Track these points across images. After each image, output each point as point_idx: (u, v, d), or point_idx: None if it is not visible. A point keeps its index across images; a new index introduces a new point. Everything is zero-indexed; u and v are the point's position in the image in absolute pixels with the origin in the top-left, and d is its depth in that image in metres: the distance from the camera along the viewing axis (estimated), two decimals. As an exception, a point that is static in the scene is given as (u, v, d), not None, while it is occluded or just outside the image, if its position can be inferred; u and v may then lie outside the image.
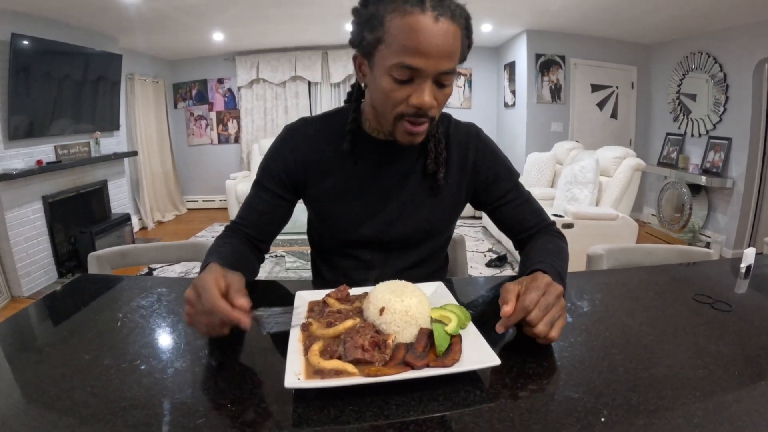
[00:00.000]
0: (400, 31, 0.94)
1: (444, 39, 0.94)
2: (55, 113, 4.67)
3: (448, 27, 0.94)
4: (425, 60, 0.94)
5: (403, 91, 0.99)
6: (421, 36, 0.92)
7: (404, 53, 0.94)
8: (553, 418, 0.65)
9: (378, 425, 0.64)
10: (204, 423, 0.64)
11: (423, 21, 0.92)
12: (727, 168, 5.22)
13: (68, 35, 4.78)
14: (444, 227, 1.31)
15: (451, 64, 0.97)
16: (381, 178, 1.21)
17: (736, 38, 5.02)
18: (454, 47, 0.96)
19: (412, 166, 1.22)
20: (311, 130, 1.24)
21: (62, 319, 1.02)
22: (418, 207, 1.23)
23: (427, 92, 0.98)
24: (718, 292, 1.12)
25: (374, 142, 1.19)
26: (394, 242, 1.25)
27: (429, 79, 0.97)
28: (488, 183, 1.26)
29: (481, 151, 1.25)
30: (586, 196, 4.51)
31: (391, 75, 0.98)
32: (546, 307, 0.82)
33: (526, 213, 1.27)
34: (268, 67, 7.62)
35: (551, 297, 0.84)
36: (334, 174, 1.22)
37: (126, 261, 1.60)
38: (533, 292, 0.84)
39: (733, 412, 0.65)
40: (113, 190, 5.80)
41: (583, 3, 4.94)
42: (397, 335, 0.80)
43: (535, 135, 6.62)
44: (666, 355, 0.82)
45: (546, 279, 0.88)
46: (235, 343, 0.88)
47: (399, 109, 1.02)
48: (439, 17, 0.92)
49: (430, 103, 0.99)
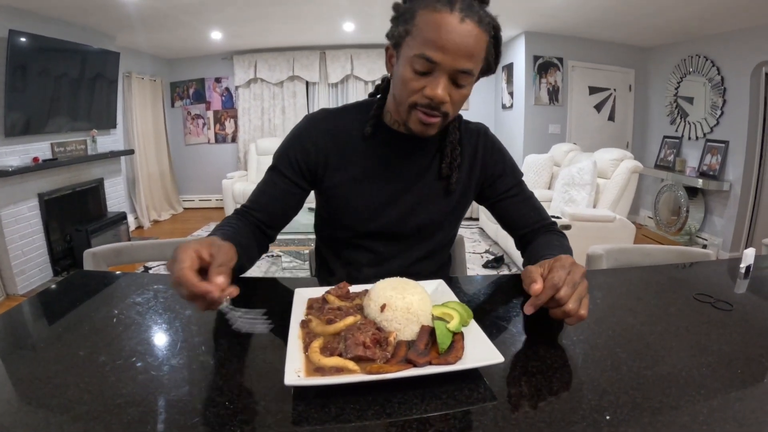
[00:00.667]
0: (427, 25, 1.00)
1: (465, 39, 0.99)
2: (52, 110, 4.65)
3: (472, 29, 0.99)
4: (443, 54, 0.99)
5: (420, 82, 1.04)
6: (443, 31, 0.98)
7: (426, 45, 1.00)
8: (557, 416, 0.64)
9: (380, 423, 0.63)
10: (200, 421, 0.63)
11: (448, 18, 0.98)
12: (724, 171, 5.24)
13: (66, 32, 4.76)
14: (450, 224, 1.34)
15: (469, 64, 1.01)
16: (398, 170, 1.24)
17: (734, 42, 5.03)
18: (475, 49, 1.01)
19: (428, 163, 1.26)
20: (332, 120, 1.26)
21: (57, 316, 1.01)
22: (430, 204, 1.26)
23: (441, 86, 1.03)
24: (718, 291, 1.12)
25: (394, 134, 1.23)
26: (407, 234, 1.28)
27: (445, 74, 1.02)
28: (494, 178, 1.30)
29: (489, 148, 1.30)
30: (583, 198, 4.51)
31: (412, 65, 1.03)
32: (574, 285, 0.84)
33: (528, 210, 1.31)
34: (266, 66, 7.61)
35: (577, 275, 0.85)
36: (354, 162, 1.24)
37: (122, 258, 1.58)
38: (560, 270, 0.86)
39: (737, 410, 0.65)
40: (109, 189, 5.78)
41: (581, 5, 4.95)
42: (398, 333, 0.80)
43: (533, 137, 6.63)
44: (669, 354, 0.81)
45: (570, 259, 0.90)
46: (233, 341, 0.87)
47: (413, 98, 1.07)
48: (465, 19, 0.98)
49: (442, 97, 1.03)
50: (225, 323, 0.89)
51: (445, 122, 1.12)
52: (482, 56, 1.05)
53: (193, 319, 0.96)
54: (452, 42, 0.98)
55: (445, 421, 0.63)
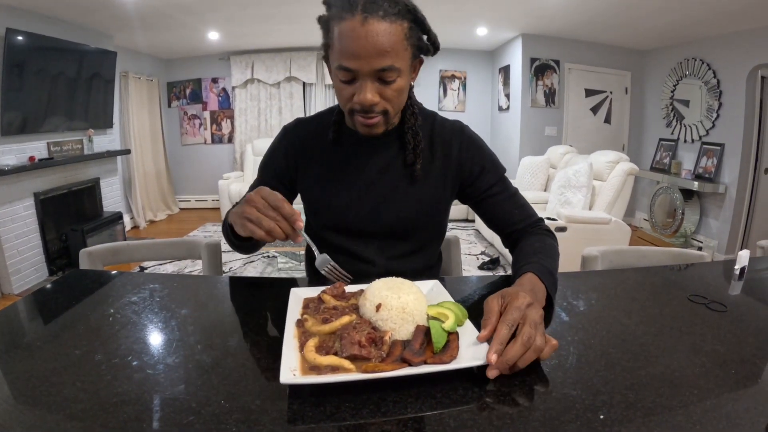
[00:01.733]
0: (338, 35, 1.02)
1: (372, 39, 0.99)
2: (49, 110, 4.63)
3: (378, 27, 0.99)
4: (356, 61, 1.01)
5: (348, 90, 1.08)
6: (349, 39, 1.00)
7: (341, 56, 1.03)
8: (551, 415, 0.64)
9: (375, 422, 0.63)
10: (196, 419, 0.63)
11: (351, 25, 0.99)
12: (720, 173, 5.25)
13: (63, 31, 4.75)
14: (428, 218, 1.31)
15: (386, 61, 1.02)
16: (363, 168, 1.27)
17: (730, 45, 5.05)
18: (387, 45, 1.00)
19: (392, 158, 1.28)
20: (304, 128, 1.34)
21: (53, 315, 1.01)
22: (399, 197, 1.27)
23: (366, 90, 1.05)
24: (712, 293, 1.12)
25: (356, 136, 1.23)
26: (380, 232, 1.28)
27: (368, 77, 1.04)
28: (474, 177, 1.29)
29: (465, 145, 1.29)
30: (579, 200, 4.52)
31: (338, 76, 1.08)
32: (527, 341, 0.74)
33: (512, 207, 1.30)
34: (263, 67, 7.60)
35: (529, 327, 0.76)
36: (321, 163, 1.30)
37: (118, 258, 1.58)
38: (514, 313, 0.79)
39: (731, 410, 0.65)
40: (105, 189, 5.76)
41: (578, 8, 4.96)
42: (393, 332, 0.80)
43: (529, 139, 6.64)
44: (663, 354, 0.82)
45: (526, 299, 0.82)
46: (228, 340, 0.87)
47: (348, 105, 1.11)
48: (368, 18, 0.98)
49: (370, 100, 1.06)
50: (221, 322, 0.89)
51: (389, 119, 1.14)
52: (401, 47, 1.04)
53: (188, 319, 0.97)
54: (360, 47, 0.99)
55: (440, 420, 0.64)
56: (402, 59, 1.05)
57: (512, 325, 0.77)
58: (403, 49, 1.04)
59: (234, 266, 4.84)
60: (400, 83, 1.08)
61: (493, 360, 0.72)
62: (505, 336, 0.76)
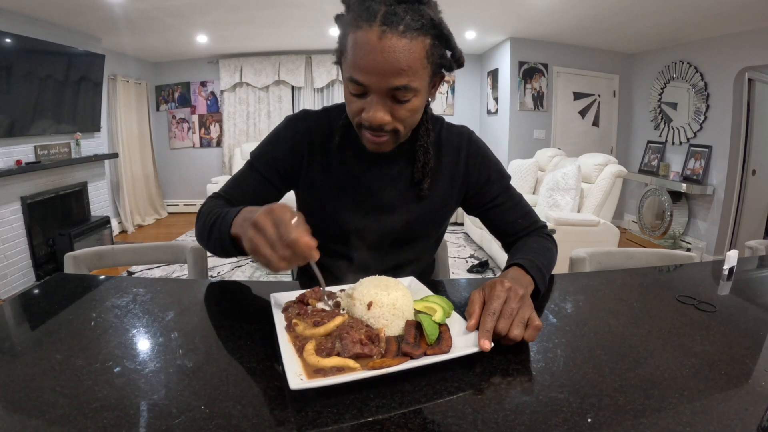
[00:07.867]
0: (351, 45, 0.95)
1: (389, 56, 0.91)
2: (36, 113, 4.59)
3: (396, 43, 0.91)
4: (368, 76, 0.94)
5: (358, 104, 1.01)
6: (363, 52, 0.92)
7: (353, 68, 0.95)
8: (538, 419, 0.63)
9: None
10: (177, 425, 0.62)
11: (367, 37, 0.91)
12: (708, 175, 5.30)
13: (51, 34, 4.71)
14: (428, 231, 1.30)
15: (402, 80, 0.94)
16: (367, 178, 1.21)
17: (717, 48, 5.10)
18: (403, 64, 0.92)
19: (399, 171, 1.22)
20: (311, 123, 1.24)
21: (35, 319, 0.99)
22: (403, 211, 1.22)
23: (376, 109, 0.98)
24: (701, 293, 1.12)
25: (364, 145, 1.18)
26: (377, 242, 1.24)
27: (380, 94, 0.97)
28: (479, 186, 1.26)
29: (473, 154, 1.26)
30: (567, 203, 4.54)
31: (348, 87, 1.00)
32: (510, 314, 0.81)
33: (517, 216, 1.28)
34: (252, 70, 7.58)
35: (513, 302, 0.82)
36: (328, 166, 1.22)
37: (103, 262, 1.56)
38: (495, 302, 0.82)
39: (721, 412, 0.65)
40: (93, 193, 5.71)
41: (566, 12, 4.99)
42: (386, 329, 0.81)
43: (518, 142, 6.66)
44: (652, 356, 0.81)
45: (506, 285, 0.85)
46: (210, 345, 0.86)
47: (357, 119, 1.04)
48: (386, 33, 0.90)
49: (379, 120, 0.98)
50: (203, 327, 0.88)
51: (398, 138, 1.07)
52: (420, 65, 0.95)
53: (171, 323, 0.95)
54: (374, 62, 0.91)
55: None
56: (420, 78, 0.97)
57: (495, 313, 0.80)
58: (422, 67, 0.96)
59: (222, 270, 4.81)
60: (415, 103, 1.00)
61: (487, 347, 0.75)
62: (491, 325, 0.79)
